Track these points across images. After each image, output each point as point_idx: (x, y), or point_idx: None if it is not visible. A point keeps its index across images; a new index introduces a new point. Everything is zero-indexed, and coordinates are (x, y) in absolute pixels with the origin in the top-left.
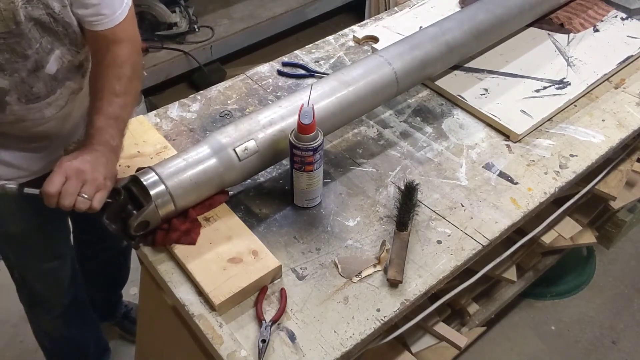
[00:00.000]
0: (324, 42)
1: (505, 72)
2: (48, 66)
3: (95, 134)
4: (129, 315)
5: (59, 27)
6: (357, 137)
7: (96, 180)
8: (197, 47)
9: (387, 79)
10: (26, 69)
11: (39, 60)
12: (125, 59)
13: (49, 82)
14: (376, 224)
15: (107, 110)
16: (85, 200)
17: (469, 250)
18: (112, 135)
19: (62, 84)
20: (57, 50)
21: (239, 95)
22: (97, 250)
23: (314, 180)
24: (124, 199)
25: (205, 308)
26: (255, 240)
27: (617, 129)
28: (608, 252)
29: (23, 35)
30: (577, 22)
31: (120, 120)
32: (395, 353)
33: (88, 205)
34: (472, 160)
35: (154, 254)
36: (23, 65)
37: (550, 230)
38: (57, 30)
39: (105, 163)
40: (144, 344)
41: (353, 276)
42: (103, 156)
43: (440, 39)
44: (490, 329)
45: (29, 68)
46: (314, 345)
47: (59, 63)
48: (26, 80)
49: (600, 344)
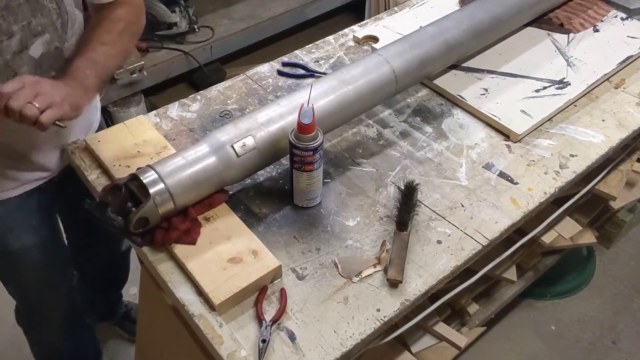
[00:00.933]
0: (324, 42)
1: (505, 72)
2: (32, 47)
3: (68, 72)
4: (129, 315)
5: (53, 4)
6: (356, 136)
7: (51, 96)
8: (197, 47)
9: (386, 78)
10: (11, 50)
11: (23, 39)
12: (121, 16)
13: (32, 68)
14: (376, 224)
15: (88, 54)
16: (33, 108)
17: (469, 250)
18: (85, 75)
19: (47, 73)
20: (46, 34)
21: (239, 95)
22: (94, 252)
23: (314, 180)
24: (124, 195)
25: (205, 308)
26: (255, 240)
27: (617, 129)
28: (608, 252)
29: (10, 9)
30: (577, 22)
31: (100, 66)
32: (395, 353)
33: (35, 114)
34: (472, 160)
35: (153, 253)
36: (7, 46)
37: (550, 230)
38: (50, 7)
39: (69, 91)
40: (144, 344)
41: (353, 276)
42: (68, 86)
43: (439, 37)
44: (490, 329)
45: (14, 49)
46: (314, 345)
47: (45, 48)
48: (10, 64)
49: (600, 344)
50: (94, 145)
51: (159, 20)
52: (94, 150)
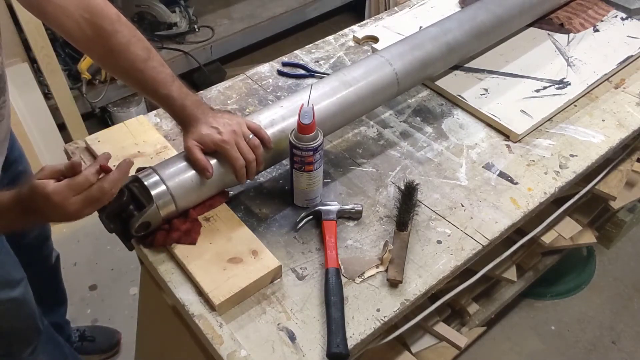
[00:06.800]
0: (324, 42)
1: (505, 72)
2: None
3: (192, 98)
4: (85, 338)
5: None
6: (357, 137)
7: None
8: (197, 47)
9: (388, 79)
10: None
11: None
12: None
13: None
14: (376, 224)
15: (161, 77)
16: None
17: (469, 250)
18: (186, 91)
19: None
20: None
21: (239, 95)
22: None
23: (314, 180)
24: (127, 199)
25: (205, 308)
26: (255, 240)
27: (617, 129)
28: (608, 252)
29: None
30: (577, 22)
31: (169, 69)
32: (395, 353)
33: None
34: (472, 160)
35: (154, 254)
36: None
37: (550, 230)
38: None
39: (225, 113)
40: (144, 344)
41: (356, 277)
42: (211, 110)
43: (441, 39)
44: (490, 329)
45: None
46: (314, 345)
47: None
48: None
49: (600, 344)
50: (94, 145)
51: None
52: (94, 150)
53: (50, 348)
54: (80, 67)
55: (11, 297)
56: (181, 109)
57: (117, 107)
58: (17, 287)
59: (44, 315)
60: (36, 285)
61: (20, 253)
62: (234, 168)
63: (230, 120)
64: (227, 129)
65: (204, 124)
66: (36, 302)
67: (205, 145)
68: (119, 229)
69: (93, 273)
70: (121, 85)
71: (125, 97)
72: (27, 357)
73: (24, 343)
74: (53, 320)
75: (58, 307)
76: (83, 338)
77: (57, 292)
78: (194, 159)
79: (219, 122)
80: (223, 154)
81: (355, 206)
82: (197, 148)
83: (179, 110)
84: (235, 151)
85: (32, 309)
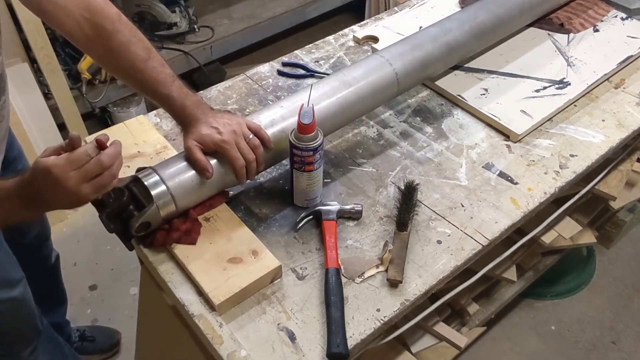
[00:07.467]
0: (324, 42)
1: (505, 72)
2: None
3: (192, 98)
4: (85, 338)
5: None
6: (357, 137)
7: (242, 126)
8: (197, 47)
9: (388, 79)
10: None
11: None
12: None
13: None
14: (376, 224)
15: (161, 77)
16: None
17: (469, 250)
18: (186, 91)
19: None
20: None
21: (239, 95)
22: None
23: (314, 180)
24: (127, 199)
25: (205, 308)
26: (255, 240)
27: (617, 129)
28: (608, 252)
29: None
30: (577, 22)
31: (170, 70)
32: (395, 353)
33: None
34: (472, 160)
35: (154, 254)
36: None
37: (550, 230)
38: None
39: (225, 113)
40: (144, 344)
41: (356, 277)
42: (211, 110)
43: (441, 39)
44: (490, 329)
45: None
46: (314, 345)
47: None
48: None
49: (600, 344)
50: None
51: (159, 20)
52: None
53: (50, 348)
54: (80, 67)
55: (11, 296)
56: (181, 109)
57: (117, 107)
58: (17, 287)
59: (44, 315)
60: (36, 285)
61: (20, 253)
62: (234, 168)
63: (230, 120)
64: (227, 129)
65: (204, 124)
66: (36, 302)
67: (205, 145)
68: (119, 229)
69: (93, 273)
70: (121, 85)
71: (125, 97)
72: (27, 357)
73: (24, 343)
74: (53, 320)
75: (58, 307)
76: (83, 338)
77: (57, 292)
78: (194, 159)
79: (219, 122)
80: (223, 154)
81: (355, 206)
82: (197, 148)
83: (179, 110)
84: (235, 151)
85: (31, 309)
